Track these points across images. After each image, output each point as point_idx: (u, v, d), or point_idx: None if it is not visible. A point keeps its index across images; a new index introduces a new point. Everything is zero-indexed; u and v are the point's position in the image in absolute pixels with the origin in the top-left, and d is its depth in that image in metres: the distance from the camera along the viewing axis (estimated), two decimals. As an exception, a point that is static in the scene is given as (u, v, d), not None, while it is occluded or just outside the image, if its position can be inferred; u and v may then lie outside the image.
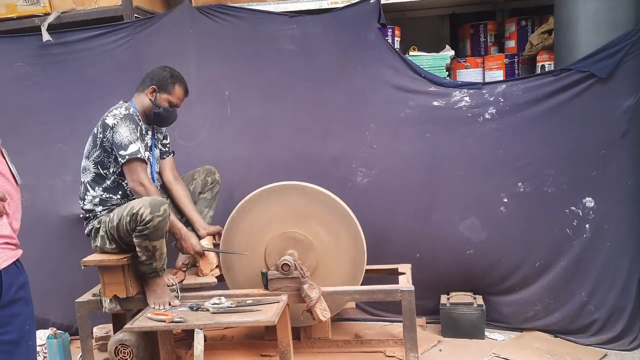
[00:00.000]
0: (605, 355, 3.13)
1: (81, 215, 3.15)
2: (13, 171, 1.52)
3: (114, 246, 2.96)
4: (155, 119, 3.14)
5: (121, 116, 2.97)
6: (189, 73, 3.52)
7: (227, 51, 3.62)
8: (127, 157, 2.92)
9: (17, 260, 1.45)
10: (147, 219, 2.73)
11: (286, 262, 2.93)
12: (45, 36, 3.59)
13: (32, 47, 3.67)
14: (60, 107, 3.70)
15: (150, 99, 3.10)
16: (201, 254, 3.14)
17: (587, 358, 3.07)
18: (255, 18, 3.58)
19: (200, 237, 3.23)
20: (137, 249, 2.84)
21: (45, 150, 3.74)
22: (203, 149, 3.67)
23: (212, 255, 3.21)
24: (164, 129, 3.30)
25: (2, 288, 1.38)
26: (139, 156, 2.94)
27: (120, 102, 3.11)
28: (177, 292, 3.01)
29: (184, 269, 3.26)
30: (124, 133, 2.94)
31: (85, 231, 3.12)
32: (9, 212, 1.45)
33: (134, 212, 2.76)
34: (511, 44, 3.94)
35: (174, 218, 3.04)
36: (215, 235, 3.28)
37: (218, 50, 3.63)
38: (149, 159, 3.10)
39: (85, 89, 3.66)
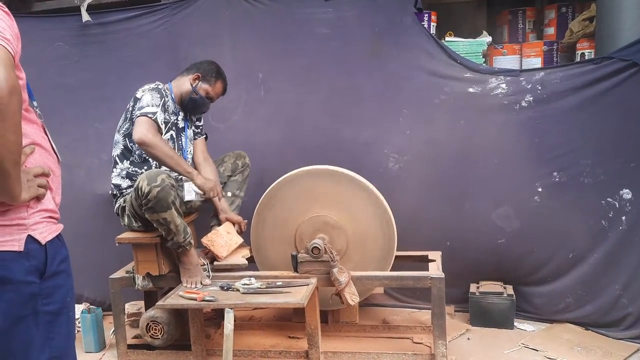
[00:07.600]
0: (638, 349, 3.07)
1: (110, 192, 3.20)
2: (54, 148, 1.55)
3: (140, 224, 3.01)
4: (190, 104, 3.20)
5: (149, 88, 3.05)
6: (223, 55, 3.54)
7: (262, 34, 3.62)
8: (139, 114, 2.92)
9: (59, 234, 1.49)
10: (146, 192, 2.74)
11: (316, 245, 2.95)
12: (85, 16, 3.64)
13: (71, 27, 3.74)
14: (97, 86, 3.77)
15: (191, 84, 3.17)
16: (216, 192, 3.09)
17: (618, 352, 3.02)
18: (291, 1, 3.57)
19: (219, 222, 3.28)
20: (154, 225, 2.87)
21: (82, 129, 3.81)
22: (236, 131, 3.70)
23: (225, 240, 3.19)
24: None
25: (46, 260, 1.42)
26: (150, 116, 2.91)
27: (156, 82, 3.15)
28: (209, 271, 3.06)
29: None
30: (146, 99, 2.98)
31: (114, 209, 3.17)
32: (53, 187, 1.49)
33: (136, 187, 2.80)
34: (550, 31, 3.85)
35: (186, 166, 3.01)
36: (236, 224, 3.30)
37: (253, 32, 3.63)
38: (176, 137, 3.16)
39: (122, 69, 3.72)
